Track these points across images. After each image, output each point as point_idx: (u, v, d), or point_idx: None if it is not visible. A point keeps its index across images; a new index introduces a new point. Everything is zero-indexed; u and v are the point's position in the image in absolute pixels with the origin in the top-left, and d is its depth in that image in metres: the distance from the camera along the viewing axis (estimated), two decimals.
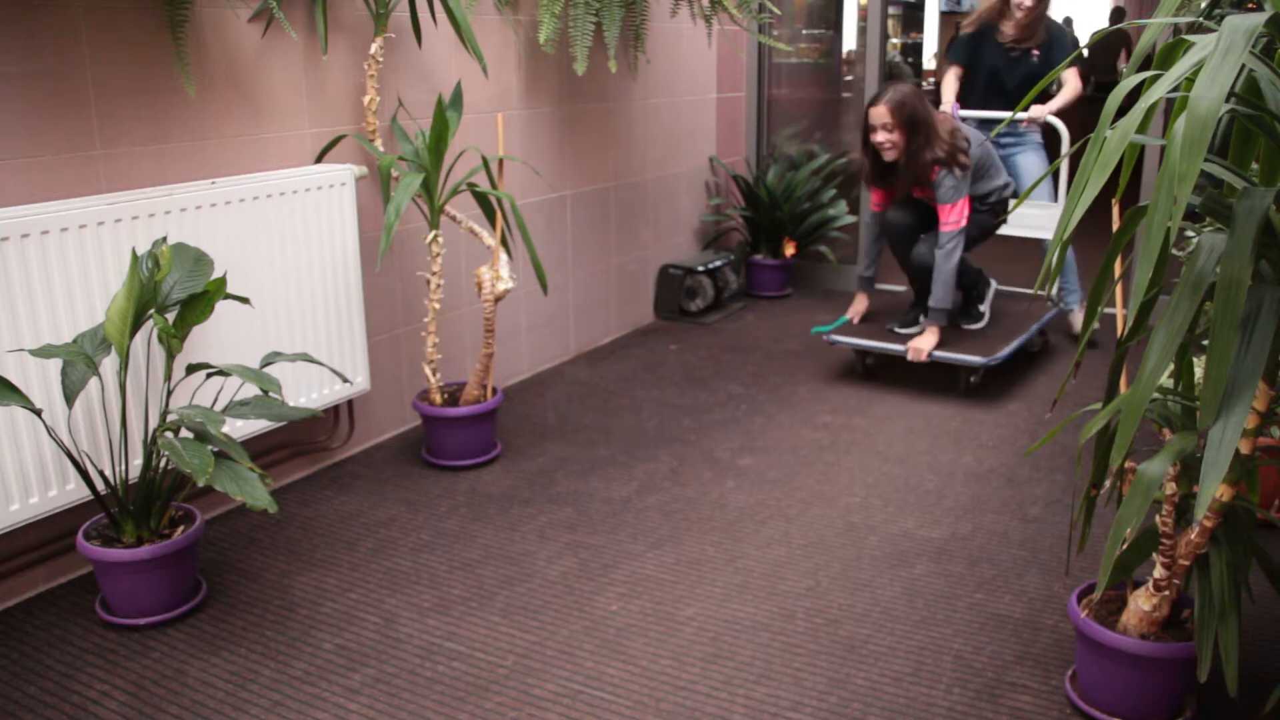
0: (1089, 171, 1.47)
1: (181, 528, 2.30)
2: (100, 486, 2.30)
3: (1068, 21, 13.02)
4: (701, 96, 4.87)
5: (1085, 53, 3.86)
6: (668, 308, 4.67)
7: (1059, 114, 4.06)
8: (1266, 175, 1.61)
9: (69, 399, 2.15)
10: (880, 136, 3.46)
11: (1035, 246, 4.35)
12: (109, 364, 2.28)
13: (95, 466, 2.28)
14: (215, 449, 2.09)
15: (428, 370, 3.05)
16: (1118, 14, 10.57)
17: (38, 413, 2.10)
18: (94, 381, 2.25)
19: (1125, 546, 1.86)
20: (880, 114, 3.43)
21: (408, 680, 2.05)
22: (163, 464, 2.25)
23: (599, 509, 2.79)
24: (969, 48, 4.22)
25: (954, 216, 3.51)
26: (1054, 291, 4.16)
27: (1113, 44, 9.85)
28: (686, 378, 3.89)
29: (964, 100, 4.23)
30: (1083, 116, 4.70)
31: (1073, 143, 4.22)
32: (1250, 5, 2.63)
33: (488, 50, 3.44)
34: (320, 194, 2.74)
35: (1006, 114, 4.08)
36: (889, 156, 3.49)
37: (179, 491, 2.33)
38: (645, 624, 2.24)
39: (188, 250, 2.30)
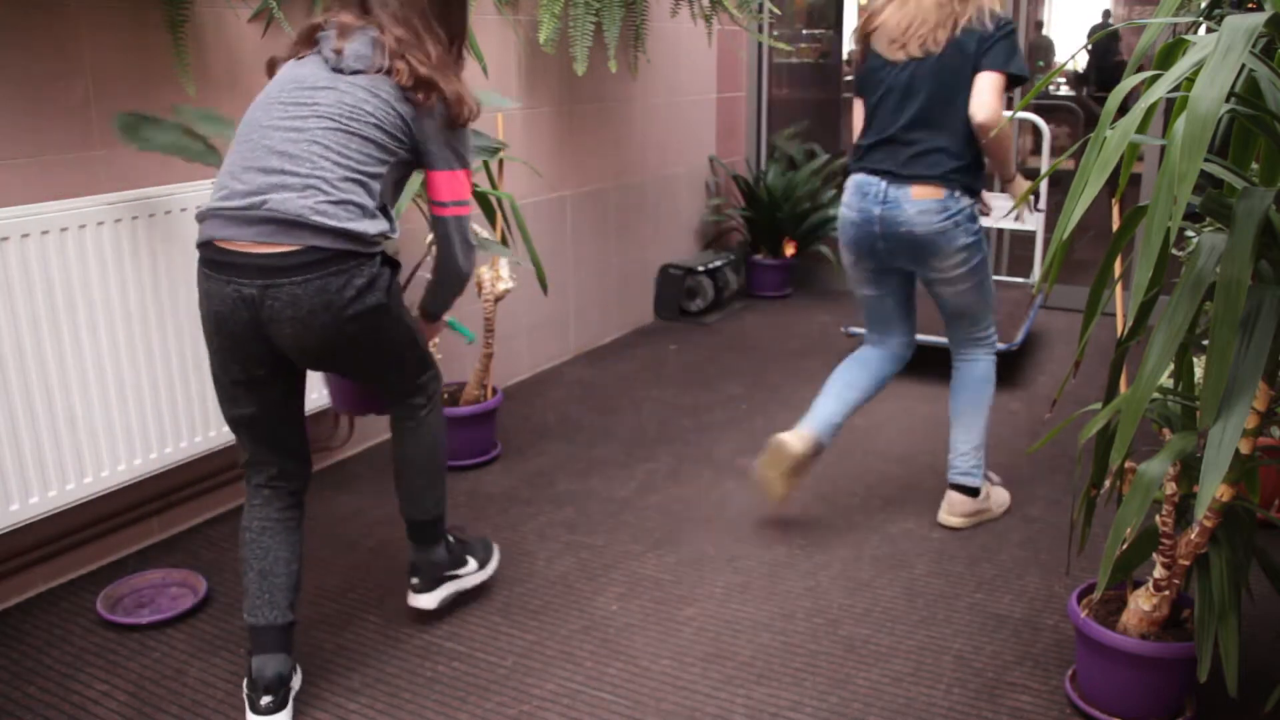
0: (1089, 171, 1.47)
1: None
2: None
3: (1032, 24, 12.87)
4: (701, 96, 4.87)
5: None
6: (668, 308, 4.67)
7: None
8: (1266, 175, 1.61)
9: None
10: None
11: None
12: None
13: None
14: None
15: None
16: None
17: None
18: None
19: (1125, 546, 1.86)
20: None
21: (408, 680, 2.05)
22: None
23: (599, 509, 2.79)
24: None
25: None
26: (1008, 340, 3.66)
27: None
28: (686, 378, 3.89)
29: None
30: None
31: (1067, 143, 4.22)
32: (1250, 5, 2.63)
33: (488, 50, 3.43)
34: None
35: None
36: None
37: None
38: (645, 624, 2.24)
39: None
